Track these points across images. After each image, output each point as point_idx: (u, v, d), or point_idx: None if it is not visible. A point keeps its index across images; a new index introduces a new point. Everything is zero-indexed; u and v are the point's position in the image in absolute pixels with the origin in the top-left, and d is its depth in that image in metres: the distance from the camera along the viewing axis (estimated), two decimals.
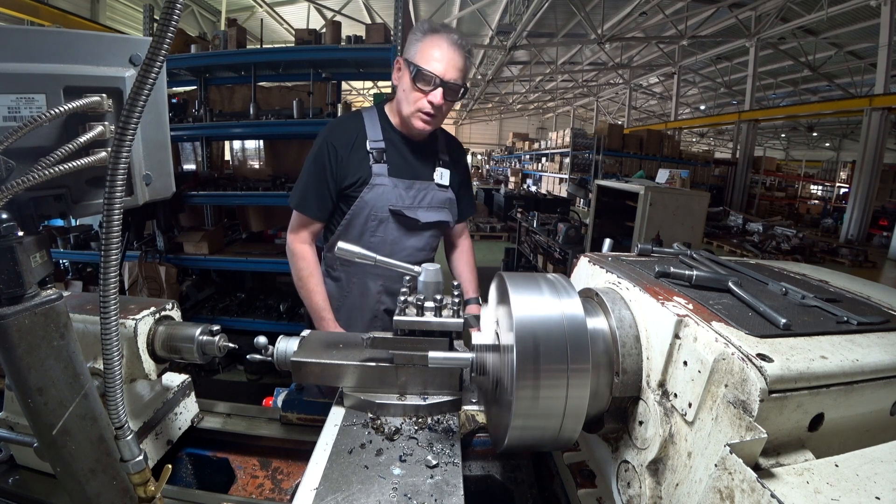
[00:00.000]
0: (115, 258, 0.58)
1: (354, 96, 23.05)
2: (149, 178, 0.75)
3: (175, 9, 0.52)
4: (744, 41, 12.93)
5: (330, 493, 0.71)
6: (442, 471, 0.77)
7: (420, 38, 1.50)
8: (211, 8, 12.29)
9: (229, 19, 5.94)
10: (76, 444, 0.66)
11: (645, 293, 0.80)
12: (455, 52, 1.49)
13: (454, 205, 1.78)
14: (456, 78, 1.49)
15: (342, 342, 1.01)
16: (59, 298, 0.63)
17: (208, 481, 1.20)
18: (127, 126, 0.55)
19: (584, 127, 20.46)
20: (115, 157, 0.55)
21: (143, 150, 0.73)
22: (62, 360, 0.64)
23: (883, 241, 10.75)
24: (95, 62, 0.66)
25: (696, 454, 0.65)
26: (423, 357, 0.87)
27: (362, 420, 0.90)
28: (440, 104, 1.51)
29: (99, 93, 0.62)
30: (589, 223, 5.61)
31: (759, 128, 17.29)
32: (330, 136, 1.61)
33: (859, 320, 0.74)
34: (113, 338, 0.61)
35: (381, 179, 1.60)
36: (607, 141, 12.68)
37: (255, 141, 5.41)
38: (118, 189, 0.56)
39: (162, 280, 4.27)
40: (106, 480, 0.69)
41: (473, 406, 0.96)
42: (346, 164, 1.59)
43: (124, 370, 0.96)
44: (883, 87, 9.71)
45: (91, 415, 0.67)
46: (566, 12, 12.22)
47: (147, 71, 0.53)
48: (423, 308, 0.89)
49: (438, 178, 1.71)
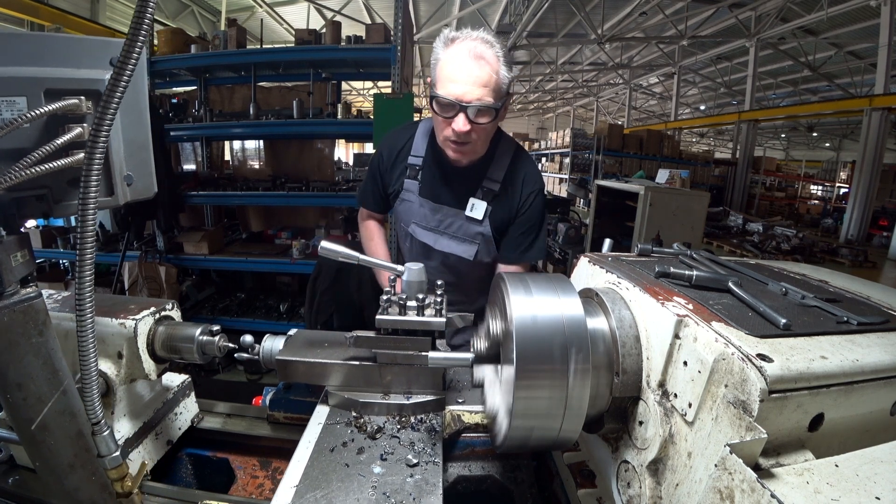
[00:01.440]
0: (90, 257, 0.59)
1: (354, 96, 23.03)
2: (130, 178, 0.76)
3: (146, 10, 0.53)
4: (744, 41, 12.92)
5: (309, 491, 0.71)
6: (422, 470, 0.77)
7: (439, 54, 1.32)
8: (211, 8, 12.29)
9: (229, 19, 5.94)
10: (55, 440, 0.67)
11: (645, 293, 0.80)
12: (475, 66, 1.25)
13: (488, 241, 1.55)
14: (480, 97, 1.26)
15: (328, 341, 1.01)
16: (38, 296, 0.64)
17: (208, 481, 1.20)
18: (100, 127, 0.56)
19: (584, 127, 20.45)
20: (90, 157, 0.56)
21: (124, 150, 0.74)
22: (41, 357, 0.66)
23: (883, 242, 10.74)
24: (76, 65, 0.67)
25: (696, 454, 0.65)
26: (407, 356, 0.88)
27: (346, 419, 0.90)
28: (466, 131, 1.29)
29: (79, 95, 0.63)
30: (589, 223, 5.61)
31: (759, 128, 17.29)
32: (384, 142, 1.68)
33: (859, 320, 0.74)
34: (88, 334, 0.62)
35: (409, 196, 1.59)
36: (607, 141, 12.66)
37: (255, 141, 5.41)
38: (92, 189, 0.57)
39: (162, 280, 4.27)
40: (85, 475, 0.71)
41: (459, 406, 0.96)
42: (389, 173, 1.63)
43: (124, 370, 0.96)
44: (883, 87, 9.70)
45: (70, 411, 0.68)
46: (566, 12, 12.21)
47: (120, 72, 0.54)
48: (405, 307, 0.89)
49: (469, 209, 1.51)
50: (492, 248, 1.57)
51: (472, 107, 1.26)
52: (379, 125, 3.73)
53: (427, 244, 1.59)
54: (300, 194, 4.37)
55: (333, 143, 5.75)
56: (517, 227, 1.54)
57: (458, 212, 1.53)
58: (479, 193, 1.51)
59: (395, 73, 3.84)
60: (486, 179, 1.51)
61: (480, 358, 0.87)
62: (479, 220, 1.51)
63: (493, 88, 1.27)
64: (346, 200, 4.40)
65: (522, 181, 1.53)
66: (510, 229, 1.55)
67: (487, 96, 1.27)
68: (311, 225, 5.03)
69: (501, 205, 1.52)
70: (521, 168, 1.54)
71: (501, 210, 1.52)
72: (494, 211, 1.52)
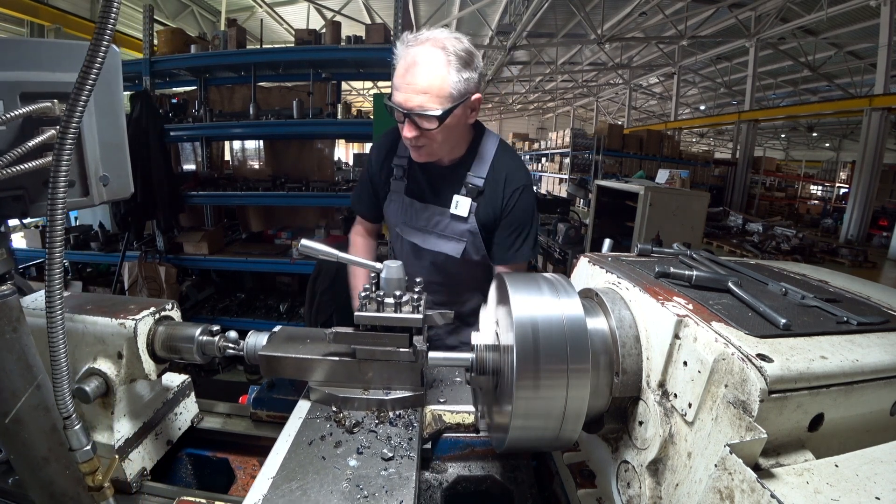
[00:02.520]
0: (59, 255, 0.61)
1: (354, 96, 23.04)
2: (106, 178, 0.78)
3: (111, 12, 0.53)
4: (744, 41, 12.93)
5: (285, 482, 0.73)
6: (396, 463, 0.79)
7: (398, 58, 1.32)
8: (211, 8, 12.29)
9: (229, 19, 5.94)
10: (28, 433, 0.69)
11: (645, 293, 0.80)
12: (417, 73, 1.25)
13: (476, 238, 1.53)
14: (420, 104, 1.25)
15: (310, 337, 1.03)
16: (12, 294, 0.66)
17: (208, 481, 1.20)
18: (67, 129, 0.57)
19: (584, 127, 20.47)
20: (58, 158, 0.57)
21: (99, 152, 0.76)
22: (15, 353, 0.68)
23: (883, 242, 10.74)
24: (52, 68, 0.69)
25: (696, 454, 0.65)
26: (385, 352, 0.90)
27: (325, 413, 0.92)
28: (410, 137, 1.33)
29: (53, 98, 0.65)
30: (589, 223, 5.62)
31: (759, 128, 17.29)
32: (374, 146, 1.70)
33: (859, 320, 0.74)
34: (59, 331, 0.63)
35: (396, 196, 1.61)
36: (607, 141, 12.67)
37: (255, 141, 5.42)
38: (61, 189, 0.59)
39: (162, 280, 4.27)
40: (59, 469, 0.73)
41: (441, 406, 0.97)
42: (378, 176, 1.64)
43: (124, 370, 0.96)
44: (883, 87, 9.70)
45: (44, 405, 0.70)
46: (566, 12, 12.21)
47: (85, 75, 0.55)
48: (383, 304, 0.90)
49: (454, 207, 1.51)
50: (480, 246, 1.56)
51: (414, 114, 1.28)
52: (379, 125, 3.74)
53: (416, 244, 1.60)
54: (300, 194, 4.38)
55: (333, 143, 5.75)
56: (504, 228, 1.54)
57: (444, 210, 1.53)
58: (462, 191, 1.51)
59: None
60: (470, 176, 1.51)
61: (480, 358, 0.87)
62: (465, 217, 1.51)
63: (437, 94, 1.26)
64: (346, 200, 4.40)
65: (505, 179, 1.51)
66: (497, 231, 1.54)
67: (430, 102, 1.26)
68: (311, 225, 5.03)
69: (486, 202, 1.52)
70: (504, 166, 1.53)
71: (486, 207, 1.52)
72: (479, 208, 1.51)
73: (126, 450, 0.99)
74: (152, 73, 4.37)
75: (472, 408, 0.97)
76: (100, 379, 0.94)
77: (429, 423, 0.96)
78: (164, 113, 4.52)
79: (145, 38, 4.35)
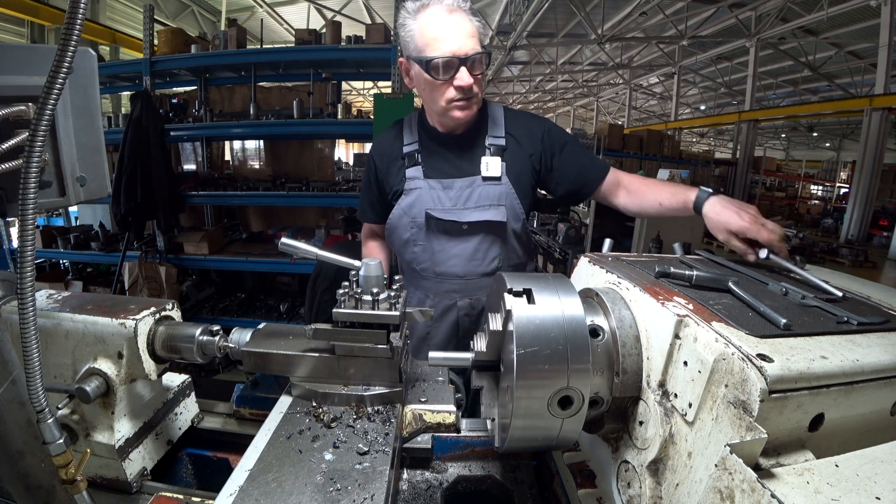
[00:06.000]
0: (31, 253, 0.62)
1: (354, 96, 23.03)
2: (83, 179, 0.80)
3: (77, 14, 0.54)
4: (744, 41, 12.92)
5: (262, 474, 0.75)
6: (371, 458, 0.80)
7: (411, 25, 1.32)
8: (211, 8, 12.30)
9: (229, 19, 5.95)
10: (4, 426, 0.70)
11: (645, 293, 0.80)
12: (457, 18, 1.29)
13: (512, 198, 1.48)
14: (473, 47, 1.29)
15: (292, 334, 1.04)
16: None
17: (208, 481, 1.20)
18: (37, 131, 0.57)
19: (584, 127, 20.47)
20: (28, 160, 0.58)
21: (76, 153, 0.78)
22: None
23: (883, 241, 10.75)
24: (28, 72, 0.70)
25: (697, 454, 0.65)
26: (363, 348, 0.91)
27: (305, 408, 0.93)
28: (469, 84, 1.31)
29: (28, 101, 0.66)
30: (589, 223, 5.61)
31: (759, 128, 17.28)
32: (373, 150, 1.65)
33: (859, 320, 0.74)
34: (31, 327, 0.64)
35: (415, 183, 1.49)
36: (607, 141, 12.64)
37: (255, 141, 5.42)
38: (31, 189, 0.59)
39: (162, 280, 4.28)
40: (34, 462, 0.74)
41: (421, 405, 0.97)
42: (386, 174, 1.56)
43: (124, 370, 0.96)
44: (883, 87, 9.70)
45: (19, 399, 0.71)
46: (566, 12, 12.21)
47: (53, 77, 0.56)
48: (360, 301, 0.91)
49: (484, 168, 1.45)
50: (518, 211, 1.50)
51: (470, 58, 1.29)
52: (379, 125, 3.73)
53: (450, 229, 1.49)
54: (300, 194, 4.38)
55: (333, 143, 5.76)
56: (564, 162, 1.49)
57: (472, 179, 1.46)
58: (487, 152, 1.47)
59: (395, 73, 3.85)
60: (490, 137, 1.48)
61: (481, 358, 0.87)
62: (498, 177, 1.46)
63: (479, 38, 1.32)
64: (346, 200, 4.40)
65: (525, 122, 1.53)
66: (556, 172, 1.50)
67: (479, 46, 1.31)
68: (311, 225, 5.04)
69: (514, 157, 1.48)
70: (519, 121, 1.53)
71: (516, 163, 1.47)
72: (510, 167, 1.47)
73: (126, 450, 0.99)
74: (152, 73, 4.37)
75: (454, 407, 0.98)
76: (100, 379, 0.94)
77: (409, 423, 0.96)
78: (165, 113, 4.52)
79: (145, 38, 4.35)
